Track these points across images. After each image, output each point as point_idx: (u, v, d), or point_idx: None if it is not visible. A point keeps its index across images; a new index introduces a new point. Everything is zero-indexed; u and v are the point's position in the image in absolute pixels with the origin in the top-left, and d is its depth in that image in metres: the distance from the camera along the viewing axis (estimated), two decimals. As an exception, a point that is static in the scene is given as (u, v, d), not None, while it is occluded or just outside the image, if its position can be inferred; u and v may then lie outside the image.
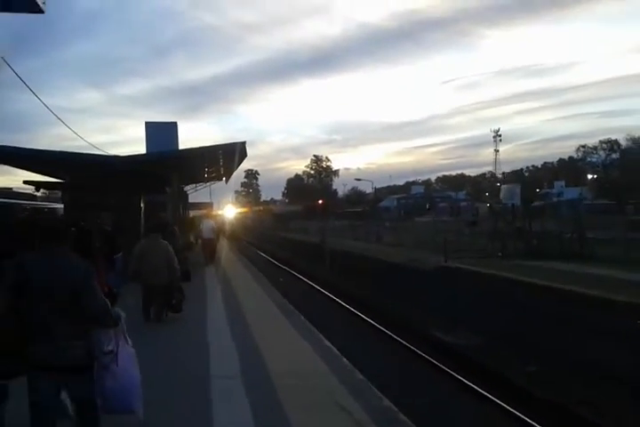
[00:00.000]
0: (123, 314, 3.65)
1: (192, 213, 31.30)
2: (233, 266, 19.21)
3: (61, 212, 18.19)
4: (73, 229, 4.53)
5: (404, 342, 10.62)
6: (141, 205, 15.62)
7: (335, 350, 7.12)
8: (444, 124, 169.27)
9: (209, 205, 42.17)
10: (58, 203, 22.02)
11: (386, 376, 7.35)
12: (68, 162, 15.35)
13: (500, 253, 20.43)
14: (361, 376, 5.94)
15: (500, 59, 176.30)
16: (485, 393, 7.69)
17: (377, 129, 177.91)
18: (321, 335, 7.97)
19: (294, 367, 6.28)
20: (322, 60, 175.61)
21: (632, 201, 56.17)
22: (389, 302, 14.90)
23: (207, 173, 21.73)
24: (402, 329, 11.54)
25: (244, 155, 17.45)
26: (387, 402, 5.13)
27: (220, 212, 47.17)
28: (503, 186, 27.74)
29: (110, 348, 3.47)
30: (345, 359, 6.63)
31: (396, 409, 4.94)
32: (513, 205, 21.56)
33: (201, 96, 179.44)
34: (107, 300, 3.54)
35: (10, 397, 3.75)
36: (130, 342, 3.67)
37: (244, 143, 16.13)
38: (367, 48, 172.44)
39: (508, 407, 7.16)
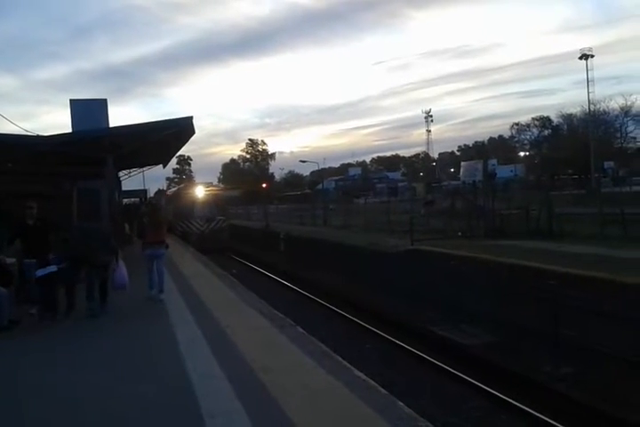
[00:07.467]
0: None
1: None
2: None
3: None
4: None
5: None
6: (73, 193, 13.19)
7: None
8: (376, 105, 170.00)
9: (142, 194, 39.02)
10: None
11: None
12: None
13: (459, 233, 19.60)
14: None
15: (429, 40, 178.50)
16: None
17: (310, 111, 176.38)
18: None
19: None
20: (252, 41, 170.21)
21: (564, 176, 58.18)
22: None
23: (146, 155, 19.25)
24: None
25: (191, 132, 15.22)
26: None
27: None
28: (463, 163, 27.11)
29: (115, 263, 8.97)
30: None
31: None
32: (474, 182, 20.60)
33: (126, 79, 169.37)
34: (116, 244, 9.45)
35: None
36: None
37: (190, 118, 14.04)
38: (298, 29, 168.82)
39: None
